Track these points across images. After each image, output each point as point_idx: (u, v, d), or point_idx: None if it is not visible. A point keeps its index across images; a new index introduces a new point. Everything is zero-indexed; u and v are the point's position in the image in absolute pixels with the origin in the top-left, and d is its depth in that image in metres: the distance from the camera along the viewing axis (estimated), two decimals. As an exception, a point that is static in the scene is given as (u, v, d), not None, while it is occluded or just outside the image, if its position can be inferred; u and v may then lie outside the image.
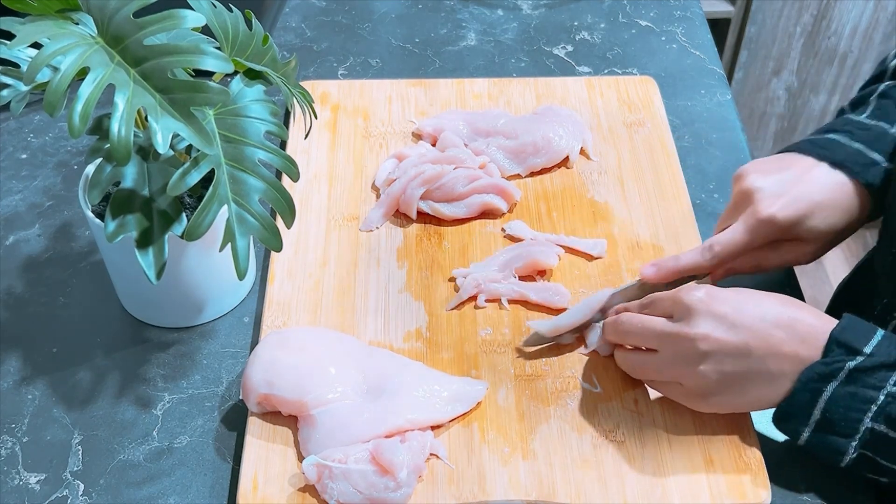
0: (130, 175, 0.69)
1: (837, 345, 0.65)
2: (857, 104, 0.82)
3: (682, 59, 1.10)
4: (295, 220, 0.71)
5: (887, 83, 0.81)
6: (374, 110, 0.99)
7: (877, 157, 0.76)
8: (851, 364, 0.64)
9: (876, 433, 0.64)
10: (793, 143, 0.81)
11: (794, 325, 0.66)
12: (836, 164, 0.76)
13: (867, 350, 0.65)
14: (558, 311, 0.80)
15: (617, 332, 0.74)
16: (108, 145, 0.65)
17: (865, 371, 0.64)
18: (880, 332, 0.65)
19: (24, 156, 0.97)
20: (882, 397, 0.64)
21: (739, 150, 0.98)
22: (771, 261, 0.78)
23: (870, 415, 0.64)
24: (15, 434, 0.74)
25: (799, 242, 0.77)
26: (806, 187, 0.75)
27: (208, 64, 0.62)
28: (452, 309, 0.80)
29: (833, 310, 0.88)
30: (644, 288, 0.78)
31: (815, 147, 0.77)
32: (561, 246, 0.85)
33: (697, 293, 0.69)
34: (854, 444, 0.65)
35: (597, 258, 0.84)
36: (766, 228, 0.75)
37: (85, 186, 0.76)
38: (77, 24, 0.64)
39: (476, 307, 0.81)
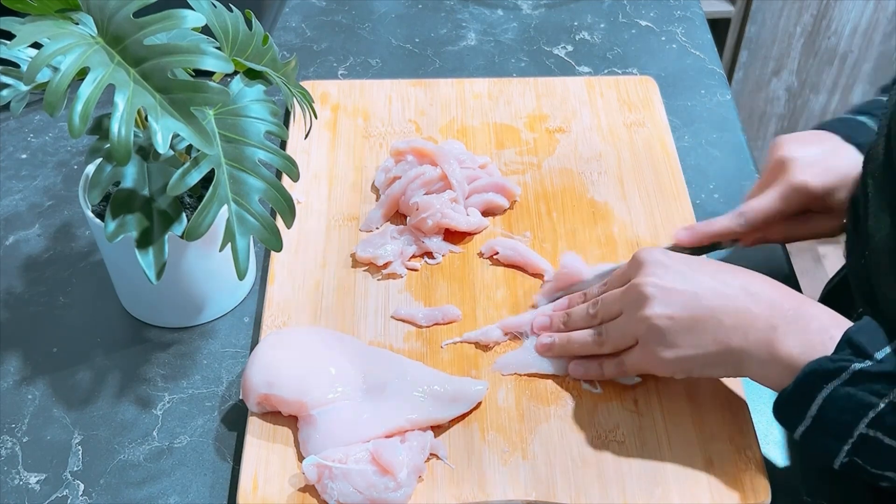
0: (130, 175, 0.69)
1: (849, 344, 0.63)
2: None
3: (682, 59, 1.10)
4: (295, 220, 0.71)
5: None
6: (374, 110, 0.99)
7: None
8: (858, 366, 0.62)
9: (869, 440, 0.62)
10: (826, 120, 0.83)
11: (748, 287, 0.68)
12: (858, 146, 0.78)
13: (878, 356, 0.62)
14: None
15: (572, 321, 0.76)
16: (108, 145, 0.65)
17: (870, 377, 0.62)
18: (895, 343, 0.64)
19: (24, 156, 0.97)
20: (882, 405, 0.61)
21: (739, 150, 0.98)
22: (800, 231, 0.81)
23: (865, 421, 0.62)
24: (15, 434, 0.74)
25: (828, 215, 0.79)
26: (838, 161, 0.77)
27: (208, 64, 0.62)
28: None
29: None
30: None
31: (844, 127, 0.80)
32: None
33: (650, 250, 0.71)
34: (846, 447, 0.63)
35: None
36: (799, 196, 0.77)
37: (85, 186, 0.76)
38: (77, 24, 0.64)
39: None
